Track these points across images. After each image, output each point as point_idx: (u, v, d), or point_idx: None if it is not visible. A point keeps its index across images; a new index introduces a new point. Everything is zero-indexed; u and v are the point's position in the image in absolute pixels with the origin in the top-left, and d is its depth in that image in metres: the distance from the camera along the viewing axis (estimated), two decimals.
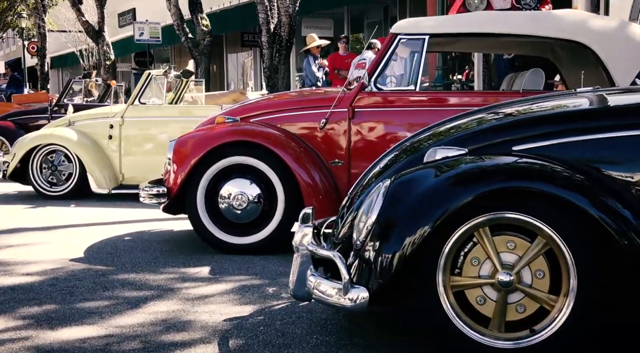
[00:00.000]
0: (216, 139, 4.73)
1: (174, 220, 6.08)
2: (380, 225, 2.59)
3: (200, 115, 7.52)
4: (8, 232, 5.63)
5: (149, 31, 17.81)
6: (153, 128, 7.64)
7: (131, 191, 7.51)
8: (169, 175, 4.83)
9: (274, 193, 4.71)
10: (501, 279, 2.52)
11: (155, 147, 7.60)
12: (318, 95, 5.11)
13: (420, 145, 3.10)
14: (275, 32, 14.21)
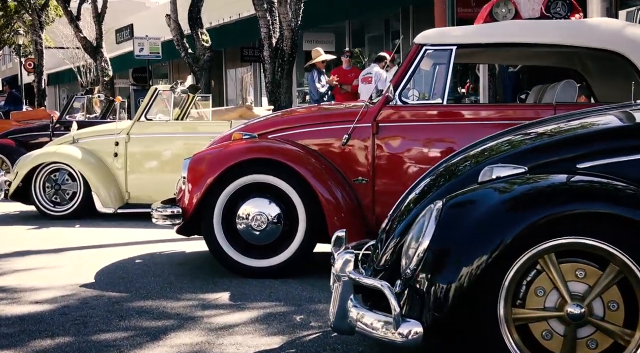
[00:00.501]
0: (233, 157, 4.49)
1: (184, 240, 5.83)
2: (433, 253, 2.36)
3: (209, 132, 7.32)
4: (12, 256, 5.37)
5: (149, 46, 17.62)
6: (160, 145, 7.40)
7: (138, 210, 7.28)
8: (184, 195, 4.59)
9: (294, 213, 4.47)
10: (571, 312, 2.28)
11: (162, 164, 7.38)
12: (340, 109, 4.89)
13: (468, 163, 2.87)
14: (278, 46, 14.05)
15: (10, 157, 9.58)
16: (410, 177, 4.44)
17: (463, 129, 4.42)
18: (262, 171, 4.49)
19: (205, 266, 4.89)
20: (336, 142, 4.57)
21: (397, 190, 4.43)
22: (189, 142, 7.36)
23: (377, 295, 2.56)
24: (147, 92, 19.52)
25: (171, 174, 7.32)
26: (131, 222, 7.05)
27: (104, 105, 10.71)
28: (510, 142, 2.82)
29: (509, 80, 11.81)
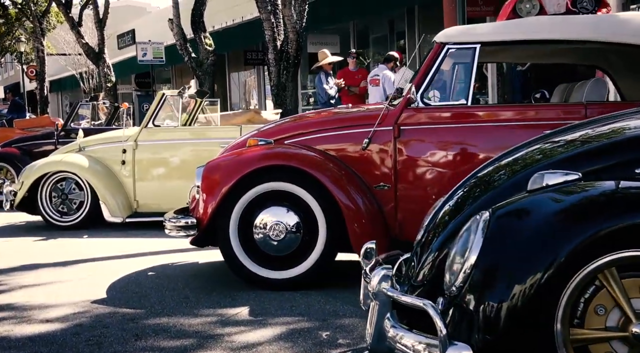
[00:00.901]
0: (249, 164, 4.30)
1: (196, 250, 5.64)
2: (481, 268, 2.16)
3: (218, 137, 7.15)
4: (20, 270, 5.18)
5: (152, 51, 17.46)
6: (168, 151, 7.22)
7: (147, 219, 7.10)
8: (198, 205, 4.40)
9: (313, 222, 4.28)
10: (636, 332, 2.08)
11: (171, 171, 7.19)
12: (359, 112, 4.69)
13: (504, 173, 2.67)
14: (282, 48, 13.89)
15: (15, 166, 9.38)
16: (435, 182, 4.26)
17: (490, 130, 4.23)
18: (279, 178, 4.30)
19: (220, 278, 4.70)
20: (356, 147, 4.38)
21: (420, 196, 4.28)
22: (198, 148, 7.18)
23: (414, 312, 2.37)
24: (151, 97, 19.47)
25: (180, 181, 7.15)
26: (140, 232, 6.87)
27: (109, 111, 10.53)
28: (559, 145, 2.61)
29: (518, 80, 11.63)
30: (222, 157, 4.54)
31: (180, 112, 7.38)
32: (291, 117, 5.29)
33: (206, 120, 8.60)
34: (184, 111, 7.86)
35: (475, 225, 2.23)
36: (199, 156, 7.15)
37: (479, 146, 4.21)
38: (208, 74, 17.10)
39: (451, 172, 4.24)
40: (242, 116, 9.15)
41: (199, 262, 5.36)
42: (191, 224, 4.38)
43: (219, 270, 5.00)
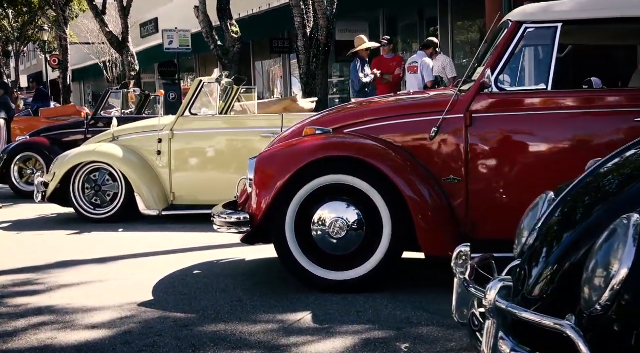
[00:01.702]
0: (307, 155, 3.94)
1: (240, 246, 5.30)
2: (636, 284, 1.79)
3: (258, 127, 6.81)
4: (56, 267, 4.87)
5: (178, 39, 17.12)
6: (206, 141, 6.88)
7: (183, 212, 6.79)
8: (251, 199, 4.05)
9: (377, 218, 3.91)
10: None
11: (209, 162, 6.86)
12: (425, 99, 4.31)
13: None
14: (312, 36, 13.53)
15: (44, 156, 9.11)
16: (512, 176, 3.89)
17: (573, 118, 3.84)
18: (339, 171, 3.94)
19: (272, 278, 4.37)
20: (423, 137, 4.00)
21: (495, 191, 3.91)
22: (237, 138, 6.85)
23: (532, 331, 2.02)
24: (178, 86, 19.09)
25: (218, 173, 6.83)
26: (177, 225, 6.55)
27: (140, 100, 10.22)
28: None
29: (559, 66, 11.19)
30: (276, 148, 4.19)
31: (218, 100, 7.03)
32: (350, 103, 4.92)
33: (242, 109, 8.26)
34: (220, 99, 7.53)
35: (624, 231, 1.86)
36: (237, 146, 6.84)
37: (561, 136, 3.82)
38: (234, 62, 16.81)
39: (530, 164, 3.86)
40: (278, 104, 8.79)
41: (245, 259, 5.02)
42: (244, 220, 4.03)
43: (269, 269, 4.67)
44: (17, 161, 9.10)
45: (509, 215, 3.87)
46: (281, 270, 4.41)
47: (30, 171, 9.18)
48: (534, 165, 3.85)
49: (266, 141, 6.70)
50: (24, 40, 34.85)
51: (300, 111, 8.38)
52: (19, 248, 5.63)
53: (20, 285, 4.34)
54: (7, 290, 4.23)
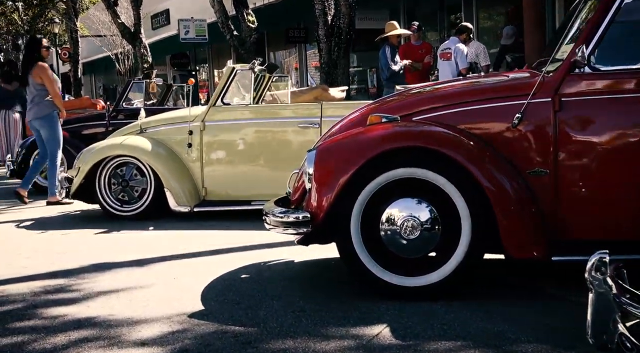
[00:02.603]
0: (376, 145, 3.50)
1: (284, 245, 4.93)
2: None
3: (297, 116, 6.38)
4: (90, 271, 4.46)
5: (194, 29, 16.68)
6: (240, 133, 6.46)
7: (217, 209, 6.38)
8: (311, 197, 3.61)
9: (454, 216, 3.47)
10: None
11: (243, 155, 6.45)
12: (504, 81, 3.85)
13: None
14: (333, 24, 13.12)
15: (64, 150, 8.69)
16: (606, 167, 3.44)
17: None
18: (411, 163, 3.50)
19: (332, 283, 3.94)
20: (504, 124, 3.56)
21: (587, 184, 3.45)
22: (273, 129, 6.43)
23: None
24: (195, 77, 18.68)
25: (253, 166, 6.41)
26: (210, 223, 6.14)
27: (162, 90, 9.81)
28: None
29: None
30: (338, 139, 3.74)
31: (252, 89, 6.59)
32: (417, 87, 4.46)
33: (272, 98, 7.83)
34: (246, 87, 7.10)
35: None
36: (273, 138, 6.42)
37: None
38: (251, 52, 16.43)
39: (628, 155, 3.41)
40: (309, 93, 8.37)
41: (294, 260, 4.59)
42: (304, 220, 3.59)
43: (325, 272, 4.25)
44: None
45: (604, 213, 3.45)
46: (339, 273, 4.01)
47: None
48: (632, 156, 3.40)
49: (304, 132, 6.29)
50: (34, 34, 34.47)
51: (331, 100, 7.97)
52: (46, 249, 5.23)
53: (53, 292, 3.93)
54: (39, 298, 3.82)
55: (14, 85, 12.15)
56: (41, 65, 7.53)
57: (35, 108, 7.51)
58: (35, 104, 7.55)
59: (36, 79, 7.48)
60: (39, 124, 7.58)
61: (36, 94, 7.55)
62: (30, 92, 7.60)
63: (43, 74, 7.48)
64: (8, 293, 3.94)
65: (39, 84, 7.50)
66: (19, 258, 4.90)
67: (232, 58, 24.66)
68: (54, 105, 7.55)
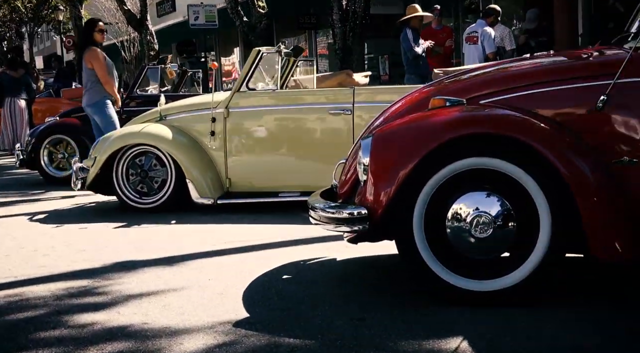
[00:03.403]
0: (442, 132, 3.10)
1: (323, 241, 4.55)
2: None
3: (328, 102, 5.98)
4: (115, 270, 4.07)
5: (204, 14, 16.24)
6: (266, 120, 6.06)
7: (242, 200, 5.99)
8: (366, 190, 3.21)
9: (531, 212, 3.08)
10: None
11: (270, 143, 6.05)
12: (586, 59, 3.44)
13: None
14: (348, 8, 12.72)
15: (77, 138, 8.34)
16: None
17: None
18: (481, 152, 3.10)
19: (386, 285, 3.56)
20: (585, 107, 3.15)
21: None
22: (301, 116, 6.03)
23: None
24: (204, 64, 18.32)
25: (280, 156, 6.02)
26: (236, 216, 5.76)
27: (177, 76, 9.41)
28: None
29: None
30: (397, 125, 3.33)
31: (279, 73, 6.19)
32: (481, 66, 4.05)
33: (295, 84, 7.42)
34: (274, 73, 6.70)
35: None
36: (302, 125, 6.03)
37: None
38: (262, 38, 16.05)
39: None
40: (332, 79, 7.95)
41: (336, 258, 4.20)
42: (359, 216, 3.19)
43: (373, 272, 3.87)
44: (47, 144, 8.34)
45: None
46: (392, 274, 3.65)
47: (61, 155, 8.41)
48: None
49: (335, 119, 5.90)
50: (37, 21, 34.04)
51: (355, 85, 7.58)
52: (64, 245, 4.85)
53: (78, 295, 3.55)
54: (63, 302, 3.43)
55: (20, 72, 11.82)
56: (93, 49, 7.19)
57: (87, 94, 7.21)
58: (87, 90, 7.28)
59: (87, 64, 7.16)
60: (92, 111, 7.31)
61: (87, 80, 7.24)
62: (83, 77, 7.29)
63: (93, 59, 7.16)
64: (28, 296, 3.56)
65: (90, 69, 7.18)
66: (36, 256, 4.52)
67: (239, 45, 24.26)
68: (105, 91, 7.19)
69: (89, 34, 7.32)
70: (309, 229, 5.03)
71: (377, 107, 5.82)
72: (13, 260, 4.43)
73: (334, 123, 5.91)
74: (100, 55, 7.21)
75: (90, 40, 7.26)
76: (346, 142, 5.81)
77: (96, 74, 7.17)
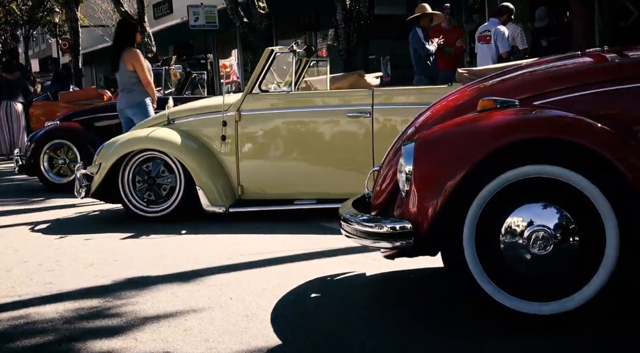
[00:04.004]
0: (496, 137, 2.79)
1: (342, 253, 4.25)
2: None
3: (345, 104, 5.66)
4: (128, 288, 3.75)
5: (204, 15, 15.92)
6: (281, 123, 5.75)
7: (255, 209, 5.68)
8: (410, 201, 2.90)
9: (594, 225, 2.77)
10: None
11: (285, 148, 5.73)
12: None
13: None
14: (352, 8, 12.47)
15: (78, 143, 8.02)
16: None
17: None
18: (540, 159, 2.79)
19: (426, 303, 3.24)
20: None
21: None
22: (318, 119, 5.72)
23: None
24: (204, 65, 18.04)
25: (296, 161, 5.71)
26: (249, 225, 5.44)
27: (181, 78, 9.09)
28: None
29: None
30: (442, 129, 3.02)
31: (293, 73, 5.88)
32: (529, 63, 3.72)
33: (306, 85, 7.11)
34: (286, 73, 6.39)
35: None
36: (319, 128, 5.72)
37: None
38: (262, 39, 15.80)
39: None
40: (344, 80, 7.67)
41: (365, 273, 3.89)
42: (403, 231, 2.88)
43: (405, 288, 3.56)
44: (47, 149, 8.01)
45: None
46: (430, 290, 3.34)
47: (61, 161, 8.09)
48: None
49: (353, 122, 5.59)
50: (32, 24, 33.70)
51: (366, 87, 7.30)
52: (69, 258, 4.53)
53: (89, 318, 3.23)
54: (74, 326, 3.11)
55: (16, 75, 11.50)
56: (134, 50, 6.92)
57: (127, 96, 6.90)
58: (128, 91, 6.97)
59: (127, 66, 6.86)
60: (132, 113, 7.03)
61: (127, 81, 6.96)
62: (120, 78, 7.00)
63: (135, 60, 6.90)
64: (34, 319, 3.24)
65: (131, 71, 6.89)
66: (40, 271, 4.19)
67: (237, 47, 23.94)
68: (146, 92, 6.96)
69: (128, 34, 7.03)
70: (328, 240, 4.75)
71: (398, 109, 5.56)
72: (16, 275, 4.11)
73: (352, 126, 5.60)
74: (142, 56, 6.99)
75: (129, 41, 6.99)
76: (365, 147, 5.52)
77: (137, 76, 6.89)
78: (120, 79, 7.04)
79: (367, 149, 5.52)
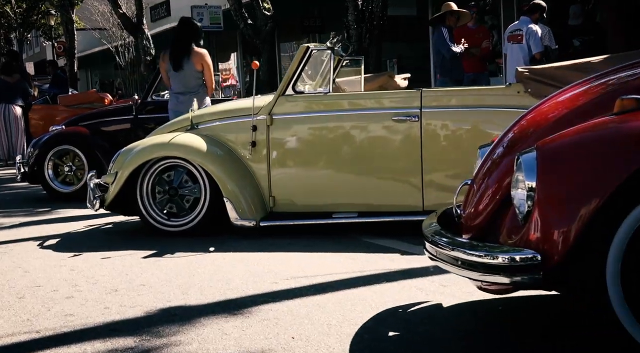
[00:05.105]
0: None
1: (401, 277, 3.70)
2: None
3: (391, 107, 5.09)
4: (163, 323, 3.15)
5: (209, 16, 15.35)
6: (318, 128, 5.18)
7: (289, 222, 5.10)
8: (533, 226, 2.32)
9: None
10: None
11: (322, 155, 5.17)
12: None
13: None
14: (364, 8, 11.99)
15: (86, 149, 7.42)
16: None
17: None
18: None
19: (540, 345, 2.67)
20: None
21: None
22: (359, 123, 5.16)
23: None
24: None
25: (334, 170, 5.14)
26: (283, 241, 4.88)
27: None
28: None
29: None
30: (572, 135, 2.44)
31: (331, 73, 5.31)
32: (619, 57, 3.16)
33: (336, 86, 6.54)
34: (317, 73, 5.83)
35: None
36: (360, 134, 5.16)
37: None
38: (267, 42, 15.35)
39: None
40: (373, 81, 7.12)
41: (442, 303, 3.31)
42: (529, 263, 2.30)
43: (508, 324, 2.96)
44: (52, 156, 7.40)
45: None
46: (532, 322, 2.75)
47: (67, 168, 7.48)
48: None
49: (399, 127, 5.02)
50: (27, 27, 33.05)
51: (396, 88, 6.78)
52: (88, 282, 3.93)
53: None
54: None
55: (15, 78, 10.95)
56: (204, 51, 6.54)
57: (191, 97, 6.23)
58: (193, 92, 6.43)
59: (197, 66, 6.41)
60: None
61: (195, 83, 6.48)
62: (184, 78, 6.48)
63: (205, 61, 6.48)
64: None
65: (199, 71, 6.45)
66: (57, 298, 3.59)
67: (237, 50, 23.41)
68: (207, 93, 6.61)
69: (195, 33, 6.50)
70: (378, 260, 4.22)
71: (449, 112, 5.00)
72: (30, 305, 3.51)
73: (398, 131, 5.03)
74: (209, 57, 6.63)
75: (196, 41, 6.46)
76: (412, 153, 4.96)
77: (202, 77, 6.48)
78: (183, 79, 6.47)
79: (415, 156, 4.96)
